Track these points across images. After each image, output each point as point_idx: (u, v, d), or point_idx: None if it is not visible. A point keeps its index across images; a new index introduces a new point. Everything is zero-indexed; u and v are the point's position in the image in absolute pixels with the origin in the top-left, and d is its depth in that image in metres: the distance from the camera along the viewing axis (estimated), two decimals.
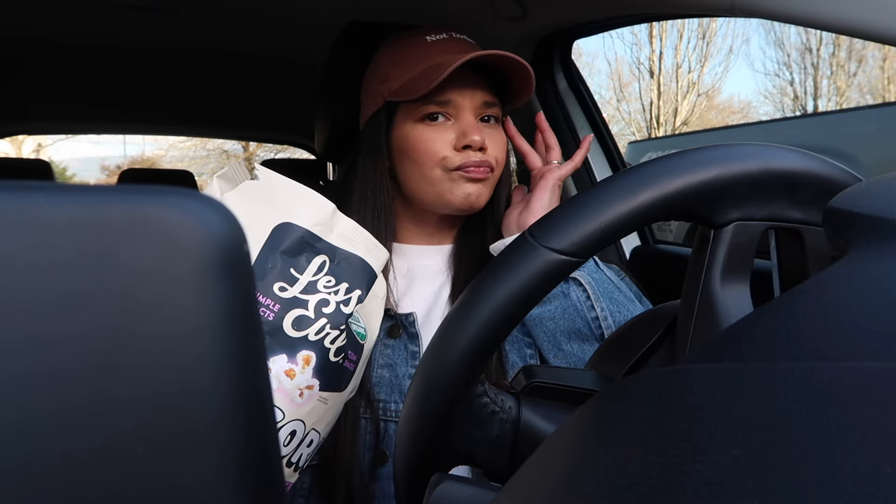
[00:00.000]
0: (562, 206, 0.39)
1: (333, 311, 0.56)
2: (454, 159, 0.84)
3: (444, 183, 0.85)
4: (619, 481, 0.18)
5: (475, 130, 0.84)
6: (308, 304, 0.55)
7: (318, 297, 0.55)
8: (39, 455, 0.14)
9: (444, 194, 0.86)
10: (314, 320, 0.55)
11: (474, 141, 0.83)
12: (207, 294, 0.16)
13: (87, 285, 0.15)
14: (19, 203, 0.15)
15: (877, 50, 14.32)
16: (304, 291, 0.55)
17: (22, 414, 0.14)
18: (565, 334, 0.82)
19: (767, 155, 0.39)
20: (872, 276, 0.23)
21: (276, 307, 0.54)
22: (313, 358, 0.55)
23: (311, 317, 0.54)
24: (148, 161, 18.09)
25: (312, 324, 0.55)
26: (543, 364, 0.85)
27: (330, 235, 0.57)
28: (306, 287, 0.55)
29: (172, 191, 0.16)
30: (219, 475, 0.16)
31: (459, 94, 0.85)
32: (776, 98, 17.29)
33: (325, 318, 0.55)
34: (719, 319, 0.40)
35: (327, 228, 0.57)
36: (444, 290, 0.90)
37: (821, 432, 0.17)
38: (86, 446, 0.15)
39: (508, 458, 0.43)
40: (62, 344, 0.15)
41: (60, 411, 0.15)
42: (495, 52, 0.82)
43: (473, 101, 0.86)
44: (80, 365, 0.15)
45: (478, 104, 0.86)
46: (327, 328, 0.56)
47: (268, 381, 0.18)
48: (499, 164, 0.88)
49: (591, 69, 19.02)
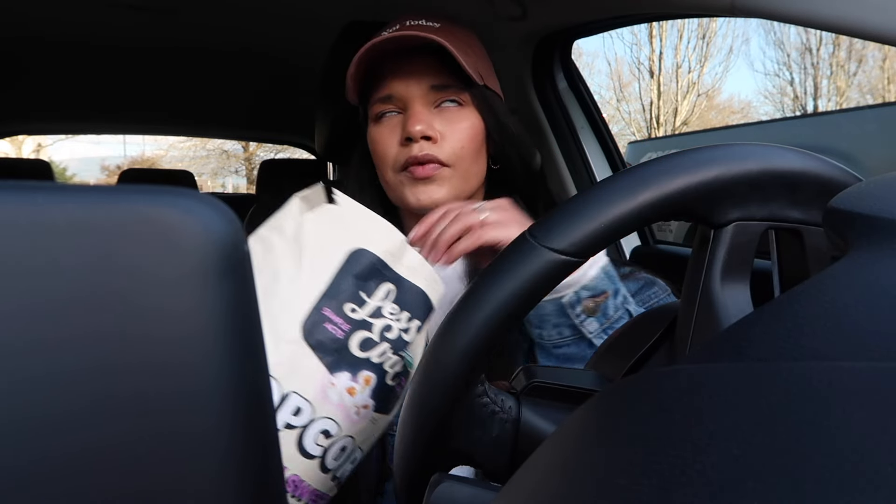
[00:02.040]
0: (562, 206, 0.39)
1: (396, 338, 0.58)
2: (399, 157, 0.78)
3: (399, 187, 0.79)
4: (619, 481, 0.18)
5: (415, 119, 0.76)
6: (374, 328, 0.57)
7: (384, 322, 0.57)
8: (40, 457, 0.14)
9: (403, 199, 0.80)
10: (378, 343, 0.57)
11: (412, 132, 0.75)
12: (208, 294, 0.16)
13: (87, 285, 0.15)
14: (19, 203, 0.15)
15: (877, 50, 14.32)
16: (371, 315, 0.57)
17: (20, 415, 0.14)
18: None
19: (767, 155, 0.39)
20: (872, 276, 0.23)
21: (346, 326, 0.56)
22: (373, 379, 0.57)
23: (375, 340, 0.57)
24: (148, 161, 18.10)
25: (376, 346, 0.57)
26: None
27: (398, 265, 0.59)
28: (374, 311, 0.57)
29: (172, 191, 0.16)
30: (219, 476, 0.16)
31: (402, 85, 0.78)
32: (776, 98, 17.30)
33: (387, 343, 0.57)
34: (719, 319, 0.40)
35: (396, 258, 0.59)
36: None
37: (821, 432, 0.17)
38: (85, 448, 0.15)
39: (508, 458, 0.43)
40: (61, 345, 0.15)
41: (59, 412, 0.15)
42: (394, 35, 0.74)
43: (420, 87, 0.78)
44: (79, 365, 0.15)
45: (425, 90, 0.78)
46: (389, 353, 0.58)
47: (268, 381, 0.18)
48: (457, 155, 0.78)
49: (591, 69, 19.03)
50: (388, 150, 0.79)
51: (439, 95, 0.79)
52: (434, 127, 0.77)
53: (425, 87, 0.78)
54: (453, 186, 0.79)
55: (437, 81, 0.78)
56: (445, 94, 0.79)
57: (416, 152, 0.76)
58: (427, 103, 0.79)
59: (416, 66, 0.78)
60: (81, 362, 0.15)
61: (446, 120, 0.78)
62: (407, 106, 0.79)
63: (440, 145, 0.77)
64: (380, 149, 0.80)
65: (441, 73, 0.78)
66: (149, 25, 1.47)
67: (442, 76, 0.78)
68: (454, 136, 0.78)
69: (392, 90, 0.79)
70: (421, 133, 0.76)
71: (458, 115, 0.79)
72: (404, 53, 0.77)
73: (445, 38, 0.75)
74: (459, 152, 0.78)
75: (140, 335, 0.15)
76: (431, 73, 0.78)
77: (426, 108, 0.79)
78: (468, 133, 0.79)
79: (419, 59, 0.78)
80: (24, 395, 0.14)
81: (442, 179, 0.78)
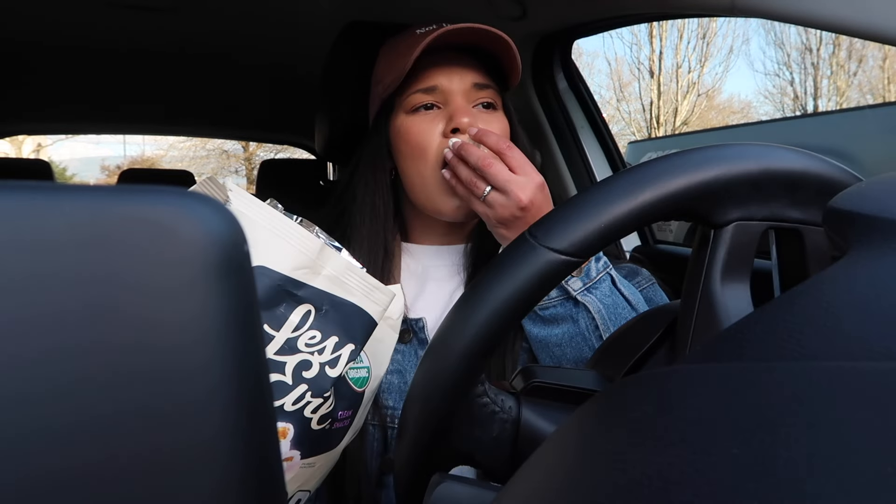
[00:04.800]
0: (562, 206, 0.39)
1: (316, 376, 0.47)
2: (442, 149, 0.78)
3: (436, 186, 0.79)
4: (619, 481, 0.18)
5: (464, 112, 0.77)
6: (285, 368, 0.46)
7: (299, 358, 0.47)
8: (40, 467, 0.14)
9: (435, 202, 0.80)
10: (292, 387, 0.46)
11: (461, 123, 0.76)
12: (208, 294, 0.16)
13: (87, 285, 0.15)
14: (19, 203, 0.15)
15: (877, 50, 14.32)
16: (279, 352, 0.46)
17: (21, 424, 0.14)
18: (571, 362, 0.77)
19: (767, 155, 0.39)
20: (872, 276, 0.23)
21: None
22: (290, 430, 0.47)
23: (288, 383, 0.46)
24: (148, 161, 18.10)
25: (290, 392, 0.46)
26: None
27: (316, 279, 0.48)
28: (283, 347, 0.46)
29: (172, 191, 0.16)
30: (221, 481, 0.16)
31: (446, 78, 0.79)
32: (776, 98, 17.30)
33: (304, 384, 0.47)
34: (719, 319, 0.40)
35: (313, 271, 0.48)
36: (458, 292, 0.85)
37: (821, 432, 0.17)
38: (86, 458, 0.15)
39: (508, 459, 0.43)
40: (60, 347, 0.15)
41: (59, 421, 0.14)
42: (467, 25, 0.76)
43: (463, 83, 0.80)
44: (79, 366, 0.15)
45: (467, 86, 0.80)
46: (307, 396, 0.47)
47: (268, 383, 0.17)
48: None
49: (591, 69, 19.02)
50: (431, 142, 0.79)
51: (479, 95, 0.81)
52: (478, 124, 0.78)
53: (468, 83, 0.80)
54: None
55: (480, 80, 0.80)
56: (484, 94, 0.81)
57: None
58: (468, 101, 0.80)
59: (462, 62, 0.80)
60: (82, 363, 0.15)
61: (485, 121, 0.80)
62: (448, 100, 0.80)
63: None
64: (420, 139, 0.79)
65: (482, 73, 0.81)
66: (149, 26, 1.47)
67: (483, 75, 0.81)
68: None
69: (437, 81, 0.79)
70: (470, 125, 0.76)
71: (492, 118, 0.81)
72: (446, 49, 0.79)
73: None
74: None
75: (139, 336, 0.15)
76: (473, 70, 0.80)
77: (467, 105, 0.80)
78: (505, 135, 0.81)
79: (462, 57, 0.80)
80: (21, 404, 0.14)
81: None
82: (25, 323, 0.14)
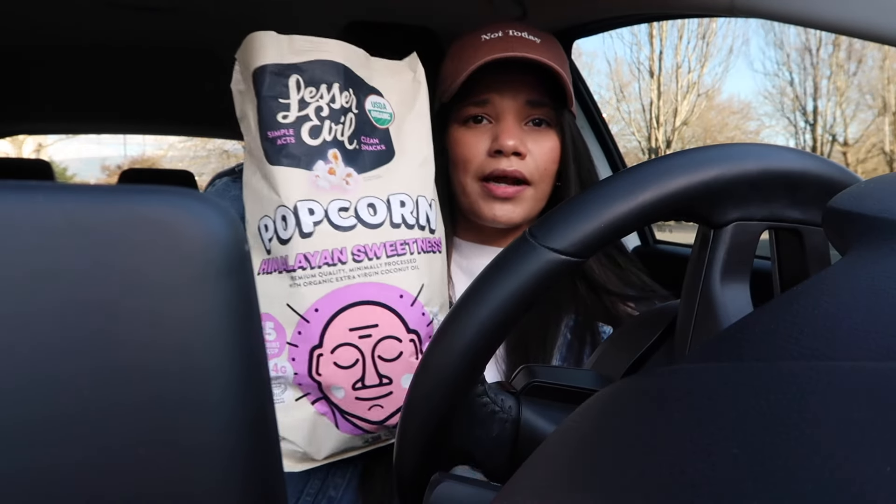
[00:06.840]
0: (562, 206, 0.39)
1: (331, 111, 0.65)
2: (484, 167, 0.79)
3: (475, 196, 0.81)
4: (619, 481, 0.18)
5: (509, 134, 0.78)
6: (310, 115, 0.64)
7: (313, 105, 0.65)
8: (41, 462, 0.14)
9: (475, 207, 0.82)
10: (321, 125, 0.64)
11: (505, 146, 0.77)
12: (208, 294, 0.16)
13: (87, 284, 0.15)
14: (19, 203, 0.15)
15: (877, 50, 14.32)
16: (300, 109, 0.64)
17: (20, 420, 0.14)
18: None
19: (767, 155, 0.39)
20: (872, 276, 0.23)
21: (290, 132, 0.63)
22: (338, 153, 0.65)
23: (317, 124, 0.64)
24: (148, 161, 18.11)
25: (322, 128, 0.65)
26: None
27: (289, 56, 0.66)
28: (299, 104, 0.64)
29: (172, 191, 0.16)
30: (221, 475, 0.16)
31: (499, 94, 0.80)
32: (776, 98, 17.30)
33: (327, 120, 0.65)
34: (719, 319, 0.40)
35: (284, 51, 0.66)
36: None
37: (821, 432, 0.17)
38: (87, 453, 0.15)
39: (508, 458, 0.43)
40: (61, 345, 0.15)
41: (59, 417, 0.14)
42: (522, 56, 0.76)
43: (516, 101, 0.80)
44: (79, 365, 0.15)
45: (521, 104, 0.80)
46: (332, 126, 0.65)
47: (268, 381, 0.18)
48: (541, 175, 0.81)
49: (591, 69, 19.02)
50: (474, 157, 0.80)
51: (532, 112, 0.81)
52: (525, 144, 0.79)
53: (521, 101, 0.80)
54: (530, 206, 0.82)
55: (534, 97, 0.80)
56: (538, 112, 0.81)
57: (505, 167, 0.78)
58: (519, 118, 0.81)
59: (516, 77, 0.80)
60: (81, 362, 0.15)
61: (534, 139, 0.80)
62: (500, 117, 0.80)
63: (526, 162, 0.79)
64: (465, 152, 0.81)
65: (537, 90, 0.80)
66: (149, 26, 1.47)
67: (538, 93, 0.81)
68: (541, 157, 0.80)
69: (489, 95, 0.80)
70: (513, 148, 0.78)
71: (545, 136, 0.81)
72: (506, 64, 0.78)
73: (547, 55, 0.78)
74: (543, 173, 0.81)
75: (139, 335, 0.15)
76: (528, 88, 0.80)
77: (517, 123, 0.80)
78: (552, 155, 0.82)
79: (519, 73, 0.79)
80: (19, 399, 0.14)
81: (522, 200, 0.81)
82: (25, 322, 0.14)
